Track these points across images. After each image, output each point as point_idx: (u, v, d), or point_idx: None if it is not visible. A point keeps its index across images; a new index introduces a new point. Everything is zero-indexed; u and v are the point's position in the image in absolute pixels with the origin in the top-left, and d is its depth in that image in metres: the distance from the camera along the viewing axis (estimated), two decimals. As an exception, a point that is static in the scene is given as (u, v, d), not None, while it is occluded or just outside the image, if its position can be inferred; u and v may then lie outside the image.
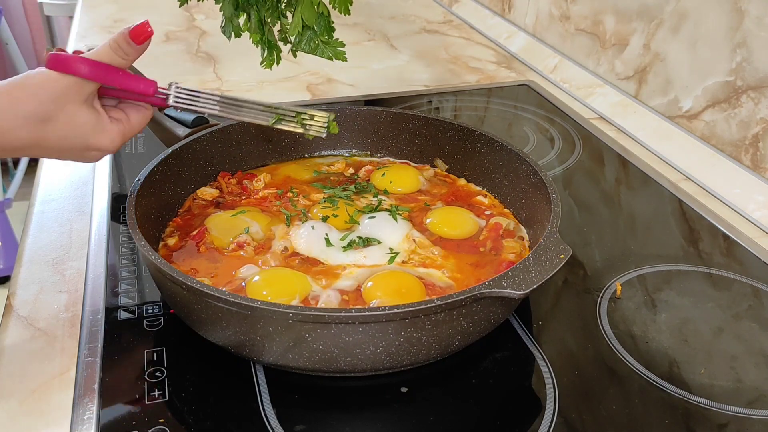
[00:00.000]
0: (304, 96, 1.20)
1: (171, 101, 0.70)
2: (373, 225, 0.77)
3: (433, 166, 0.91)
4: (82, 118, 0.64)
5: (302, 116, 0.73)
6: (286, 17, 0.77)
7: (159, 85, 0.69)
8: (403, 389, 0.61)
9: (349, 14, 0.76)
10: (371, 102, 1.19)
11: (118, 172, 0.94)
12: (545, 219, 0.69)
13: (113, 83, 0.65)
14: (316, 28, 0.74)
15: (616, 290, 0.74)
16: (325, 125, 0.74)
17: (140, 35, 0.65)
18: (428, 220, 0.79)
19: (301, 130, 0.74)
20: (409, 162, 0.92)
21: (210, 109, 0.72)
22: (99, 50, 0.64)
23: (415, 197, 0.85)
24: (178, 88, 0.71)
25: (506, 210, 0.82)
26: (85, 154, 0.66)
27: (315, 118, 0.74)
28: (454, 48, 1.47)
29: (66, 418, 0.58)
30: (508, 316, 0.68)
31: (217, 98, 0.72)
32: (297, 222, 0.78)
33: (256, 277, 0.68)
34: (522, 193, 0.80)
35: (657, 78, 1.08)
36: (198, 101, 0.71)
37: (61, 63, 0.62)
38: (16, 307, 0.70)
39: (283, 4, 0.76)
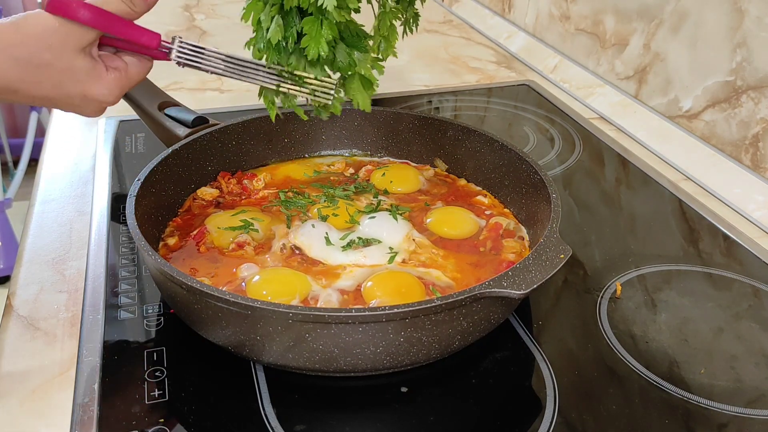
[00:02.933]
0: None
1: (174, 56, 0.68)
2: (373, 225, 0.77)
3: (433, 166, 0.91)
4: (77, 65, 0.62)
5: (308, 81, 0.69)
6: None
7: (162, 39, 0.66)
8: (403, 389, 0.61)
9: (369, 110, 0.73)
10: (371, 102, 1.19)
11: (118, 172, 0.94)
12: (545, 219, 0.69)
13: (116, 33, 0.63)
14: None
15: (616, 290, 0.74)
16: (332, 92, 0.70)
17: None
18: (428, 220, 0.79)
19: (308, 94, 0.70)
20: (409, 162, 0.92)
21: (214, 67, 0.69)
22: None
23: (415, 197, 0.85)
24: (181, 42, 0.68)
25: (506, 210, 0.82)
26: (84, 104, 0.64)
27: (322, 85, 0.70)
28: (454, 48, 1.47)
29: (66, 418, 0.58)
30: (508, 316, 0.68)
31: (222, 57, 0.69)
32: (297, 222, 0.78)
33: (256, 277, 0.68)
34: (522, 193, 0.80)
35: (657, 78, 1.08)
36: (202, 58, 0.69)
37: (63, 7, 0.59)
38: (16, 307, 0.70)
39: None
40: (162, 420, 0.57)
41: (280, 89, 0.69)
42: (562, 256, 0.61)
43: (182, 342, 0.65)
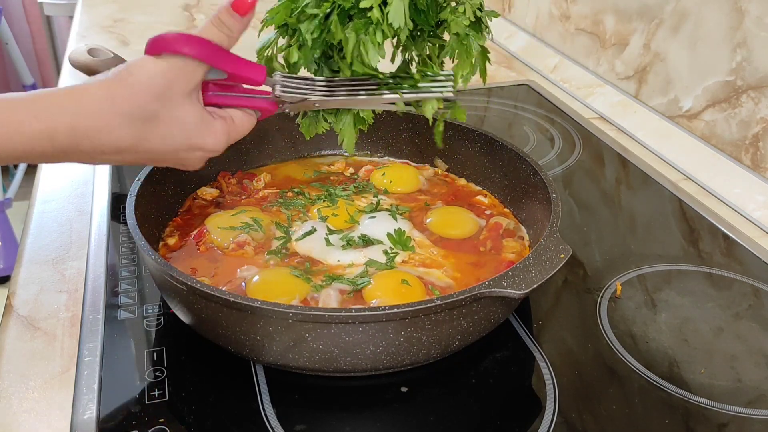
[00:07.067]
0: (304, 96, 1.20)
1: (278, 91, 0.63)
2: (373, 224, 0.77)
3: (433, 165, 0.91)
4: (185, 113, 0.58)
5: (426, 80, 0.64)
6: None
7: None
8: (403, 389, 0.61)
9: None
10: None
11: (118, 172, 0.94)
12: (545, 219, 0.69)
13: (221, 65, 0.59)
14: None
15: (616, 290, 0.74)
16: (450, 83, 0.65)
17: (243, 5, 0.59)
18: (428, 220, 0.79)
19: (430, 96, 0.65)
20: (409, 162, 0.92)
21: (321, 95, 0.63)
22: (201, 29, 0.59)
23: (415, 197, 0.85)
24: (283, 75, 0.63)
25: (506, 210, 0.82)
26: (188, 155, 0.61)
27: (438, 79, 0.65)
28: (454, 48, 1.47)
29: (66, 418, 0.58)
30: (508, 316, 0.68)
31: (326, 81, 0.63)
32: (297, 222, 0.78)
33: (256, 277, 0.68)
34: (522, 193, 0.80)
35: (657, 78, 1.08)
36: (308, 88, 0.63)
37: (164, 44, 0.57)
38: (16, 306, 0.70)
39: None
40: (162, 420, 0.57)
41: (400, 93, 0.64)
42: (562, 256, 0.61)
43: (182, 342, 0.65)
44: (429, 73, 0.65)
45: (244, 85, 0.64)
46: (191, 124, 0.59)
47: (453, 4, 0.64)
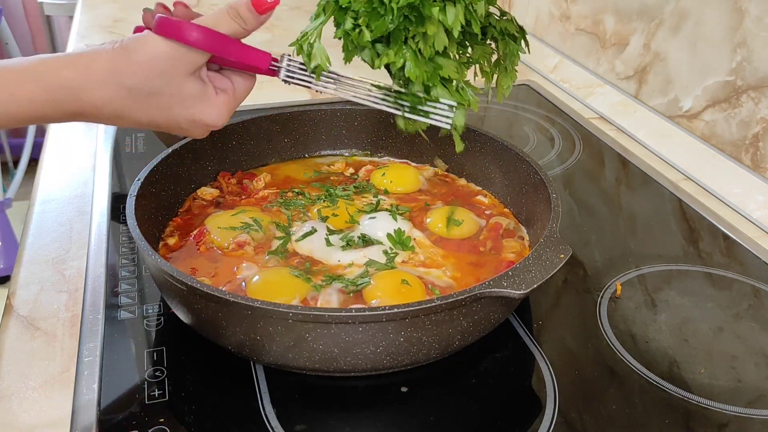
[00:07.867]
0: (304, 96, 1.20)
1: (282, 75, 0.65)
2: (373, 224, 0.77)
3: (433, 165, 0.91)
4: (187, 90, 0.60)
5: (425, 101, 0.65)
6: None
7: (272, 57, 0.63)
8: (403, 389, 0.61)
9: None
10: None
11: (118, 172, 0.94)
12: (545, 219, 0.69)
13: (227, 55, 0.61)
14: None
15: (616, 290, 0.74)
16: (451, 115, 0.67)
17: (263, 4, 0.60)
18: (428, 220, 0.79)
19: (423, 116, 0.66)
20: (409, 162, 0.92)
21: (324, 86, 0.65)
22: (215, 16, 0.60)
23: (415, 197, 0.85)
24: (290, 61, 0.65)
25: (506, 210, 0.82)
26: (192, 127, 0.63)
27: (438, 106, 0.66)
28: (454, 48, 1.47)
29: (66, 418, 0.58)
30: (508, 316, 0.68)
31: (333, 75, 0.65)
32: (297, 222, 0.78)
33: (256, 277, 0.68)
34: (522, 193, 0.80)
35: (657, 78, 1.08)
36: (311, 77, 0.65)
37: (173, 29, 0.57)
38: (16, 306, 0.70)
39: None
40: (162, 420, 0.57)
41: (398, 110, 0.66)
42: (562, 256, 0.61)
43: (182, 342, 0.65)
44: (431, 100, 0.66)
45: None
46: (192, 99, 0.61)
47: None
